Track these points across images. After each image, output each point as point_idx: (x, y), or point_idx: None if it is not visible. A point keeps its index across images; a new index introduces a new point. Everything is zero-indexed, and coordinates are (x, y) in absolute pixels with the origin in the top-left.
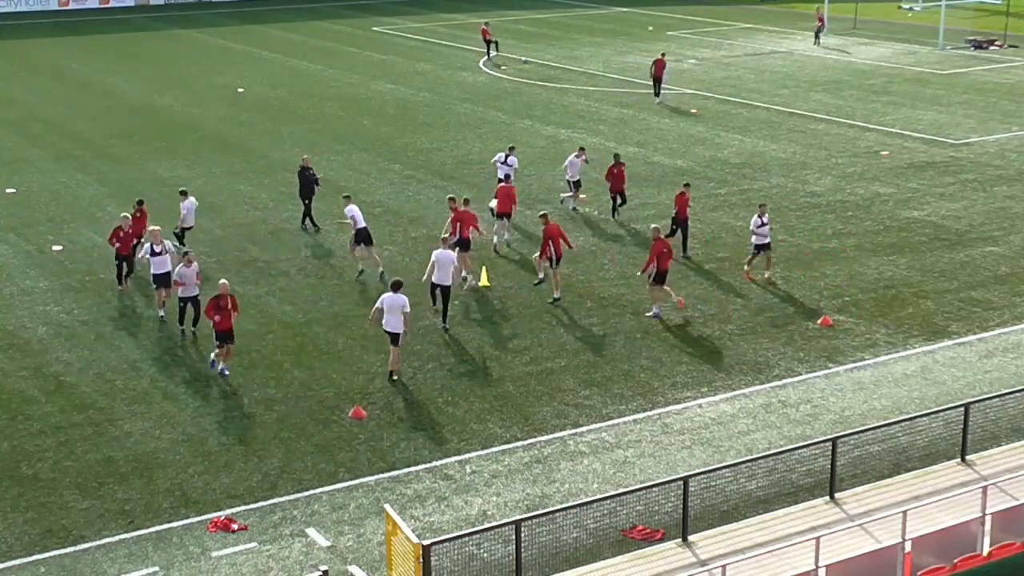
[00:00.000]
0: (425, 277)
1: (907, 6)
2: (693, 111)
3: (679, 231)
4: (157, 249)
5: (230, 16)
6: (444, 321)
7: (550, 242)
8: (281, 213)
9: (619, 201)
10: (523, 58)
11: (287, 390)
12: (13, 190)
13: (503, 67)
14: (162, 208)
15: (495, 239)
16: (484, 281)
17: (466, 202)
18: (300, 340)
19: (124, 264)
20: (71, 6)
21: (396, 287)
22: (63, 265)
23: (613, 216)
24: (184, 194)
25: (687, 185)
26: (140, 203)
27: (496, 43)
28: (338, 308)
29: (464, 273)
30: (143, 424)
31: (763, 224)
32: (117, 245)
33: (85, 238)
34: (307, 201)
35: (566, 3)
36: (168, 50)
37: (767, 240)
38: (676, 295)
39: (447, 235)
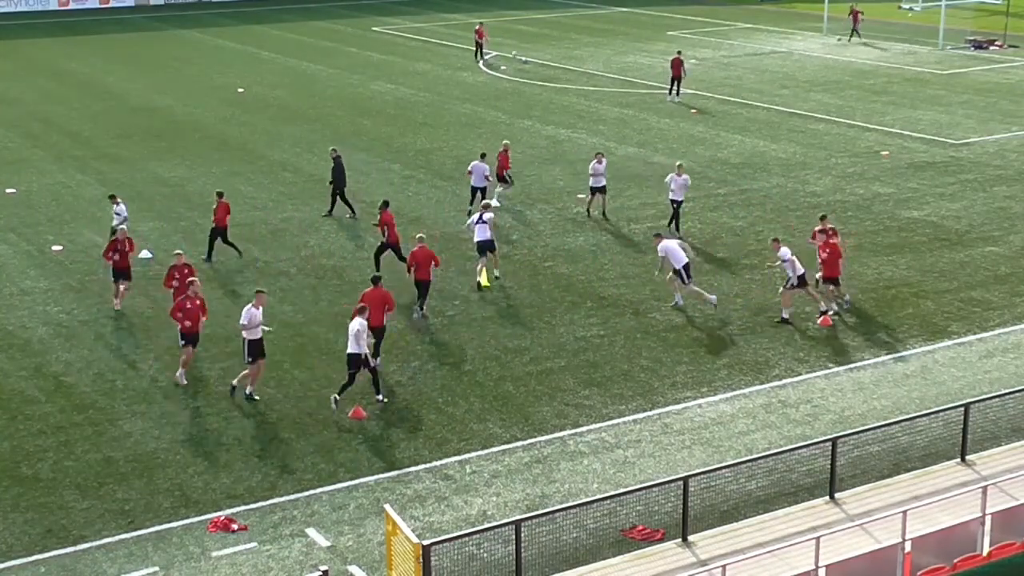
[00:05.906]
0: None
1: (907, 6)
2: (693, 111)
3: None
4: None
5: (230, 16)
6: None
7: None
8: (281, 213)
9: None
10: (523, 58)
11: (287, 390)
12: (13, 190)
13: (503, 67)
14: (162, 208)
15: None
16: (484, 281)
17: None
18: (300, 340)
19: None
20: (71, 6)
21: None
22: (63, 265)
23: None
24: (112, 197)
25: (823, 218)
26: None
27: (481, 47)
28: (338, 308)
29: None
30: (143, 424)
31: (599, 169)
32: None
33: (85, 238)
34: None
35: (566, 3)
36: (168, 50)
37: (603, 184)
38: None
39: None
